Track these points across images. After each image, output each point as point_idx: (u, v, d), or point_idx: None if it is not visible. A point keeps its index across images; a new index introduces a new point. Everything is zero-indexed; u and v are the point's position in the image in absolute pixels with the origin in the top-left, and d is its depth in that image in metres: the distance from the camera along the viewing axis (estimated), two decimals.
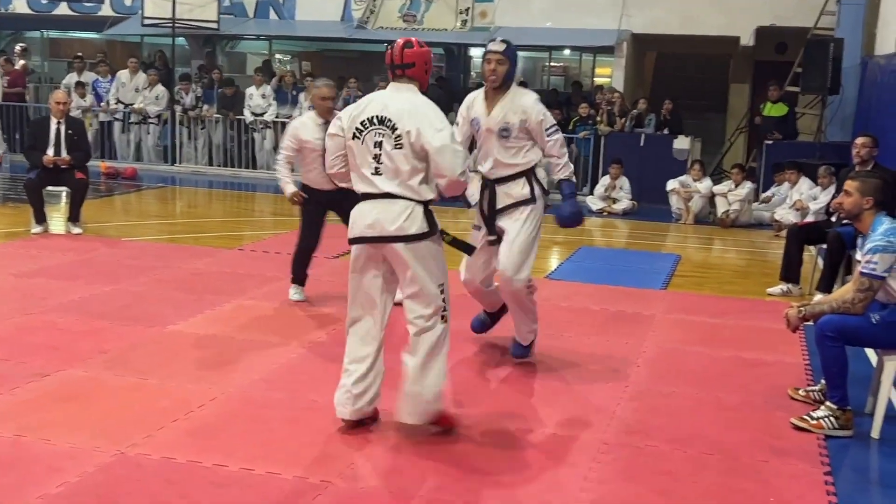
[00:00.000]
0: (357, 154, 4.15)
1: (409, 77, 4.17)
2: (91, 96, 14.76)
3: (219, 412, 4.49)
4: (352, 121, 4.15)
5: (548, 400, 4.88)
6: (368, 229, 4.11)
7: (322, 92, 6.47)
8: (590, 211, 12.32)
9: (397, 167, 4.07)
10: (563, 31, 14.54)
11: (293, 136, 6.48)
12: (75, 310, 6.17)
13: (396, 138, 4.05)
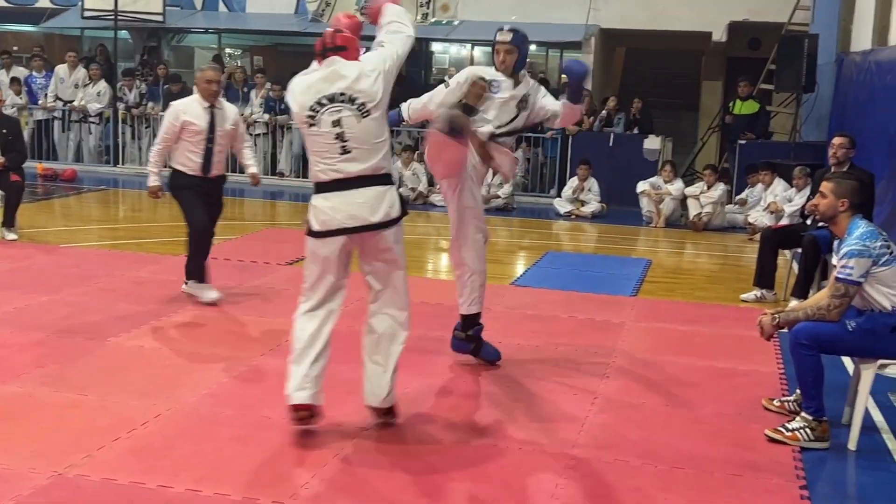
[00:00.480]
0: (316, 141, 4.20)
1: (337, 56, 4.30)
2: (26, 94, 14.55)
3: (164, 430, 4.44)
4: (300, 111, 4.22)
5: (513, 412, 4.90)
6: (352, 220, 4.21)
7: (207, 75, 6.69)
8: (557, 214, 12.40)
9: (365, 142, 4.18)
10: (528, 26, 14.33)
11: (175, 118, 6.61)
12: (9, 322, 6.07)
13: (359, 107, 4.16)
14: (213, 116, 6.66)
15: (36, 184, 12.36)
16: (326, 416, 4.64)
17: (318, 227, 4.26)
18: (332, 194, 4.22)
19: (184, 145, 6.66)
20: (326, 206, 4.23)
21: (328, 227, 4.24)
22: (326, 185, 4.25)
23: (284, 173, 14.26)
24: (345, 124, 4.16)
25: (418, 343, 6.06)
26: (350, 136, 4.17)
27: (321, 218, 4.24)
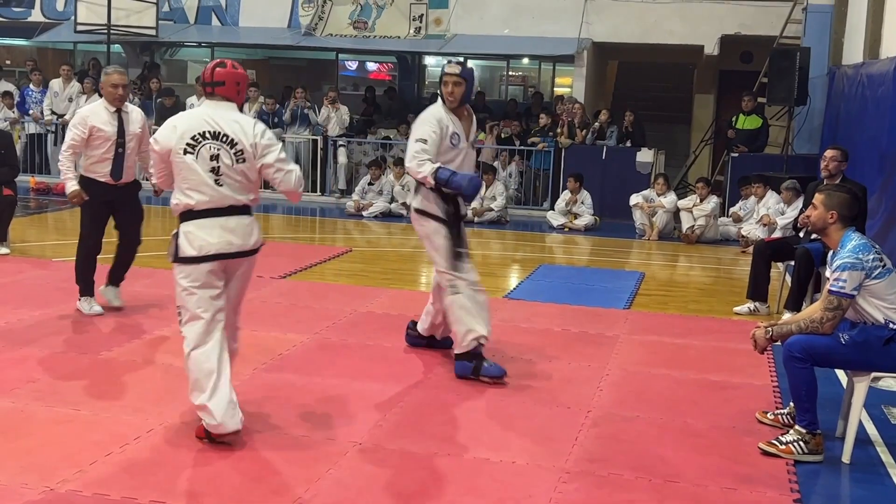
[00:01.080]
0: (191, 169, 4.43)
1: (220, 95, 4.55)
2: (17, 108, 14.55)
3: (156, 445, 4.42)
4: (178, 137, 4.43)
5: (506, 426, 4.89)
6: (228, 245, 4.46)
7: (113, 79, 6.54)
8: (550, 227, 12.42)
9: (239, 180, 4.48)
10: (522, 39, 14.68)
11: (82, 124, 6.44)
12: (1, 336, 6.04)
13: (237, 153, 4.45)
14: (120, 122, 6.54)
15: (28, 198, 12.35)
16: (319, 430, 4.63)
17: (194, 252, 4.43)
18: (209, 219, 4.45)
19: (92, 153, 6.52)
20: (201, 230, 4.42)
21: (205, 252, 4.42)
22: (197, 213, 4.47)
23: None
24: (223, 160, 4.43)
25: (409, 355, 6.08)
26: (225, 173, 4.44)
27: (198, 242, 4.43)
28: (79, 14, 14.31)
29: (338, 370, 5.72)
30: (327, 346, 6.20)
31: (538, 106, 14.88)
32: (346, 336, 6.48)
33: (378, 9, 14.64)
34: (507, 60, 17.99)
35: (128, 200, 6.75)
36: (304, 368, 5.73)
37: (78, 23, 14.37)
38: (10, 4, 15.87)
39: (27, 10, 15.88)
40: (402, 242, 11.12)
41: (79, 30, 14.47)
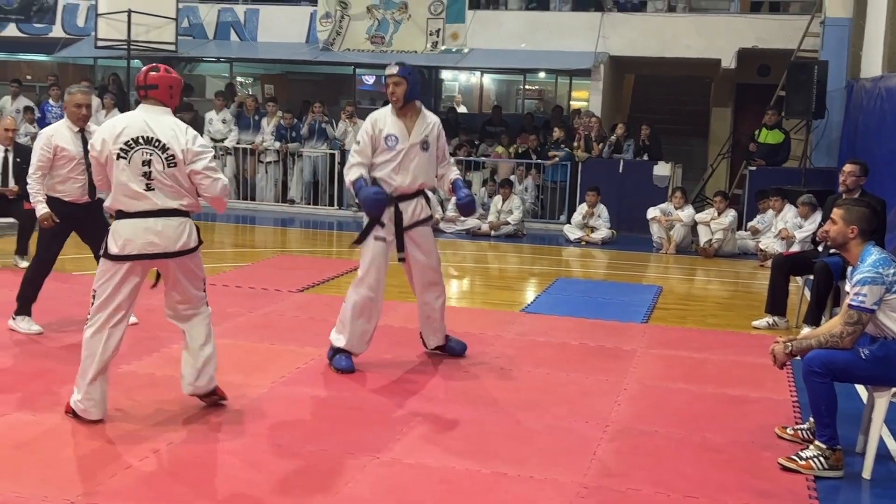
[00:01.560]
0: (122, 172, 4.63)
1: (153, 98, 4.74)
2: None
3: (175, 458, 4.44)
4: (113, 141, 4.62)
5: (523, 440, 4.88)
6: (150, 246, 4.69)
7: (76, 98, 6.48)
8: (567, 240, 12.41)
9: (170, 185, 4.67)
10: (538, 54, 14.71)
11: (47, 144, 6.39)
12: (23, 349, 6.09)
13: (168, 158, 4.64)
14: (84, 141, 6.49)
15: None
16: (336, 444, 4.64)
17: (118, 251, 4.70)
18: (137, 220, 4.68)
19: (57, 173, 6.45)
20: (127, 230, 4.67)
21: (127, 251, 4.68)
22: (126, 214, 4.73)
23: (295, 200, 14.32)
24: (154, 166, 4.65)
25: (427, 368, 6.08)
26: (157, 177, 4.65)
27: (121, 242, 4.70)
28: (99, 30, 14.44)
29: (355, 384, 5.73)
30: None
31: (558, 119, 14.90)
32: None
33: (395, 24, 14.71)
34: (523, 74, 18.03)
35: (91, 216, 6.67)
36: (321, 382, 5.74)
37: (98, 38, 14.50)
38: (31, 20, 16.04)
39: (48, 26, 16.05)
40: None
41: (99, 45, 14.59)
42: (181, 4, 14.99)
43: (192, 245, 4.81)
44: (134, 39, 14.14)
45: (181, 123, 4.79)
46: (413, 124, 5.82)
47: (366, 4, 14.77)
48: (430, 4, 14.52)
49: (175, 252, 4.74)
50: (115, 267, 4.68)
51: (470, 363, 6.21)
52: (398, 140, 5.75)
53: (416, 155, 5.81)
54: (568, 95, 18.06)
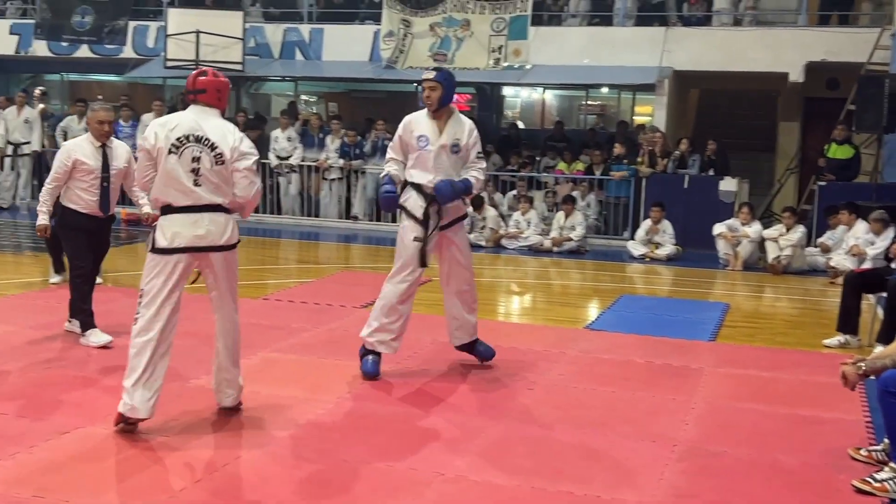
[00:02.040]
0: (173, 167, 4.81)
1: (203, 101, 4.95)
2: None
3: (244, 471, 4.50)
4: (166, 137, 4.81)
5: (589, 459, 4.84)
6: (198, 239, 4.85)
7: (99, 115, 6.76)
8: (631, 257, 12.31)
9: (216, 182, 4.86)
10: (601, 69, 14.64)
11: (67, 157, 6.68)
12: (95, 364, 6.24)
13: (217, 156, 4.84)
14: (105, 156, 6.75)
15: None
16: (402, 460, 4.65)
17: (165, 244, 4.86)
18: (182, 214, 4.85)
19: (76, 185, 6.73)
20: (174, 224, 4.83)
21: (174, 244, 4.84)
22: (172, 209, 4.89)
23: (358, 217, 14.45)
24: (203, 162, 4.84)
25: (491, 385, 6.08)
26: (204, 174, 4.85)
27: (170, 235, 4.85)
28: (168, 50, 14.77)
29: (419, 400, 5.74)
30: (409, 376, 6.24)
31: (622, 135, 14.82)
32: (426, 366, 6.51)
33: (458, 41, 14.79)
34: (586, 90, 17.97)
35: (102, 233, 7.00)
36: (386, 398, 5.77)
37: (167, 59, 14.83)
38: (103, 42, 16.44)
39: (119, 48, 16.43)
40: (480, 272, 11.13)
41: (168, 65, 14.92)
42: (248, 25, 15.26)
43: (235, 240, 4.99)
44: (202, 59, 14.44)
45: (230, 124, 5.02)
46: (445, 126, 6.06)
47: (429, 23, 14.88)
48: (493, 22, 14.57)
49: (220, 246, 4.91)
50: (164, 261, 4.81)
51: (534, 380, 6.19)
52: (428, 141, 6.00)
53: (446, 156, 6.05)
54: (631, 110, 17.95)
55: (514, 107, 19.62)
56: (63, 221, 6.90)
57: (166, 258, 4.81)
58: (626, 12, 14.93)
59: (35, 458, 4.55)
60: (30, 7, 17.16)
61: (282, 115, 15.21)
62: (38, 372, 5.97)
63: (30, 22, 16.76)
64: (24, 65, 18.78)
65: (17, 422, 5.03)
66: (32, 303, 8.09)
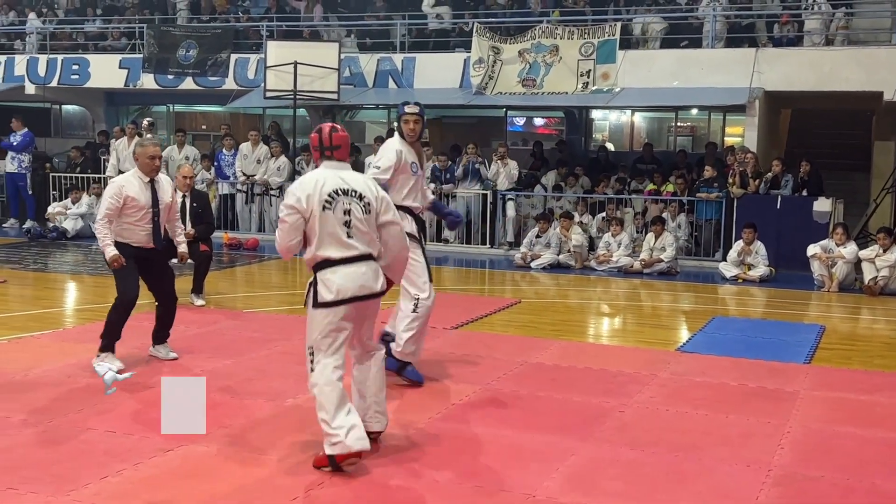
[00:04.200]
0: (327, 223, 4.82)
1: (337, 158, 4.99)
2: (214, 169, 15.49)
3: (340, 491, 4.52)
4: (318, 195, 4.80)
5: (682, 483, 4.72)
6: (361, 289, 4.86)
7: (149, 151, 6.70)
8: (723, 278, 12.04)
9: (366, 231, 4.91)
10: (691, 90, 14.42)
11: (118, 194, 6.55)
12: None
13: (365, 206, 4.91)
14: (153, 191, 6.70)
15: (222, 253, 13.04)
16: (492, 481, 4.61)
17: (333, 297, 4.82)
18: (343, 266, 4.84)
19: (125, 220, 6.60)
20: (338, 277, 4.81)
21: (342, 296, 4.81)
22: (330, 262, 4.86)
23: (449, 239, 14.49)
24: (353, 214, 4.87)
25: (582, 407, 5.99)
26: (355, 225, 4.87)
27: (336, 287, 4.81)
28: (268, 81, 15.13)
29: (509, 421, 5.70)
30: (499, 397, 6.20)
31: (711, 156, 14.54)
32: (517, 387, 6.46)
33: (546, 66, 14.77)
34: (675, 111, 17.72)
35: (158, 261, 6.87)
36: (476, 419, 5.74)
37: (267, 89, 15.19)
38: (206, 74, 16.94)
39: (221, 79, 16.90)
40: (570, 294, 11.04)
41: (268, 96, 15.28)
42: (343, 55, 15.53)
43: (385, 286, 5.03)
44: (299, 90, 14.75)
45: (363, 175, 5.17)
46: (421, 155, 6.55)
47: (517, 49, 14.91)
48: (581, 46, 14.51)
49: (376, 293, 4.94)
50: (331, 314, 4.77)
51: (625, 403, 6.08)
52: (418, 167, 6.45)
53: (421, 180, 6.58)
54: (721, 131, 17.61)
55: (602, 129, 19.46)
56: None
57: (332, 311, 4.77)
58: (715, 34, 14.69)
59: (140, 474, 4.66)
60: (138, 42, 17.81)
61: (375, 141, 15.41)
62: (143, 391, 6.13)
63: (138, 56, 17.38)
64: (133, 97, 19.49)
65: (124, 439, 5.16)
66: (139, 323, 8.32)
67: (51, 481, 4.52)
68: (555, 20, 15.63)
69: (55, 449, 4.80)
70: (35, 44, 18.52)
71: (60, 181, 16.15)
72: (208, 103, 19.43)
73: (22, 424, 5.36)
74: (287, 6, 18.48)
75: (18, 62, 17.94)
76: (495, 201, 14.22)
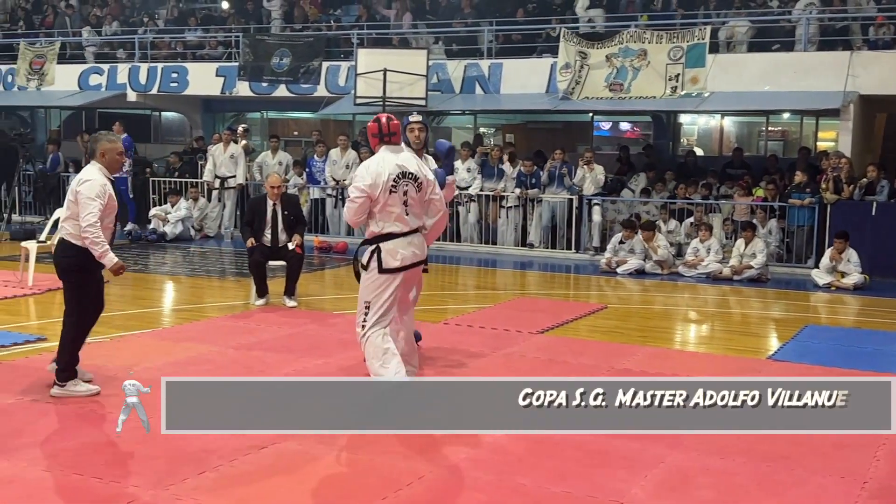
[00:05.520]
0: (391, 203, 5.68)
1: (394, 142, 5.84)
2: (306, 175, 15.76)
3: (427, 492, 4.54)
4: (386, 178, 5.64)
5: (775, 494, 4.61)
6: (414, 257, 5.79)
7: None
8: (815, 286, 11.69)
9: (419, 209, 5.82)
10: (783, 94, 14.06)
11: (102, 192, 5.89)
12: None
13: (419, 185, 5.77)
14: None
15: (312, 256, 13.23)
16: (580, 487, 4.57)
17: (392, 265, 5.75)
18: (397, 240, 5.75)
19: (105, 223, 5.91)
20: (393, 247, 5.71)
21: (399, 264, 5.76)
22: (385, 237, 5.78)
23: (534, 244, 14.43)
24: (410, 194, 5.76)
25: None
26: (411, 204, 5.77)
27: (393, 257, 5.74)
28: (358, 88, 15.31)
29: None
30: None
31: (803, 161, 14.15)
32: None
33: (634, 71, 14.58)
34: (766, 116, 17.31)
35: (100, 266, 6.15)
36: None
37: (357, 96, 15.37)
38: (299, 82, 17.23)
39: (313, 87, 17.16)
40: (656, 299, 10.87)
41: (358, 102, 15.47)
42: (431, 62, 15.62)
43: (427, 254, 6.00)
44: (389, 96, 14.88)
45: (415, 157, 5.93)
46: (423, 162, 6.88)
47: (605, 54, 14.76)
48: (670, 51, 14.28)
49: (422, 260, 5.93)
50: (390, 279, 5.71)
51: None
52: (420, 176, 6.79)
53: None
54: (814, 136, 17.13)
55: (690, 134, 19.12)
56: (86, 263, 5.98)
57: (394, 276, 5.72)
58: (808, 38, 14.30)
59: (235, 470, 4.77)
60: (234, 51, 18.22)
61: (462, 146, 15.46)
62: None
63: (233, 65, 17.77)
64: (229, 104, 19.94)
65: (220, 436, 5.27)
66: (234, 324, 8.52)
67: (151, 475, 4.66)
68: (643, 24, 15.43)
69: (156, 444, 4.94)
70: (137, 53, 19.13)
71: (160, 185, 16.64)
72: (300, 110, 19.76)
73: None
74: (377, 14, 18.68)
75: (121, 70, 18.54)
76: (581, 206, 14.10)
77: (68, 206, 6.00)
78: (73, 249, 5.94)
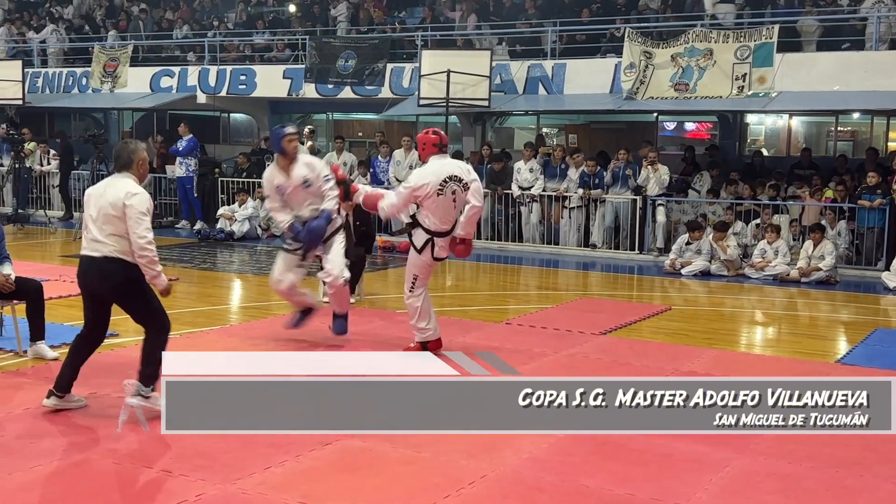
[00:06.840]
0: (440, 203, 6.78)
1: (445, 151, 6.99)
2: (370, 175, 15.85)
3: (489, 491, 4.53)
4: (436, 182, 6.73)
5: (842, 500, 4.51)
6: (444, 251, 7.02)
7: (147, 156, 5.66)
8: (886, 289, 11.38)
9: (462, 206, 6.82)
10: (853, 94, 13.71)
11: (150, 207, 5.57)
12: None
13: (464, 187, 6.81)
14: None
15: (376, 255, 13.31)
16: (643, 489, 4.51)
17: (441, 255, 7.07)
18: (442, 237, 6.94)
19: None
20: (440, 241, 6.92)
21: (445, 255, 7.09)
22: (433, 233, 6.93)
23: (597, 245, 14.30)
24: (458, 195, 6.81)
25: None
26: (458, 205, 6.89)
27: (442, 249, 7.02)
28: (422, 89, 15.35)
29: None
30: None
31: (872, 162, 13.78)
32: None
33: (700, 70, 14.36)
34: (835, 116, 16.91)
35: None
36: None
37: (421, 97, 15.42)
38: (363, 83, 17.35)
39: (377, 88, 17.26)
40: (721, 301, 10.69)
41: (421, 104, 15.51)
42: (494, 63, 15.59)
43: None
44: (452, 97, 14.89)
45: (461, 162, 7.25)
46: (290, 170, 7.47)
47: (670, 53, 14.56)
48: (737, 50, 14.03)
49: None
50: (431, 261, 6.99)
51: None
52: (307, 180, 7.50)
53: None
54: (885, 136, 16.67)
55: (757, 134, 18.75)
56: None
57: (433, 262, 7.01)
58: (879, 36, 13.92)
59: (301, 466, 4.81)
60: (300, 53, 18.41)
61: (525, 147, 15.40)
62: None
63: (300, 67, 17.96)
64: (295, 106, 20.16)
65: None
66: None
67: (219, 469, 4.73)
68: (709, 23, 15.18)
69: (223, 439, 5.01)
70: (206, 56, 19.46)
71: (228, 185, 16.90)
72: (365, 111, 19.89)
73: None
74: (441, 16, 18.71)
75: (191, 73, 18.89)
76: (645, 206, 13.94)
77: (109, 221, 5.44)
78: (128, 265, 5.48)
